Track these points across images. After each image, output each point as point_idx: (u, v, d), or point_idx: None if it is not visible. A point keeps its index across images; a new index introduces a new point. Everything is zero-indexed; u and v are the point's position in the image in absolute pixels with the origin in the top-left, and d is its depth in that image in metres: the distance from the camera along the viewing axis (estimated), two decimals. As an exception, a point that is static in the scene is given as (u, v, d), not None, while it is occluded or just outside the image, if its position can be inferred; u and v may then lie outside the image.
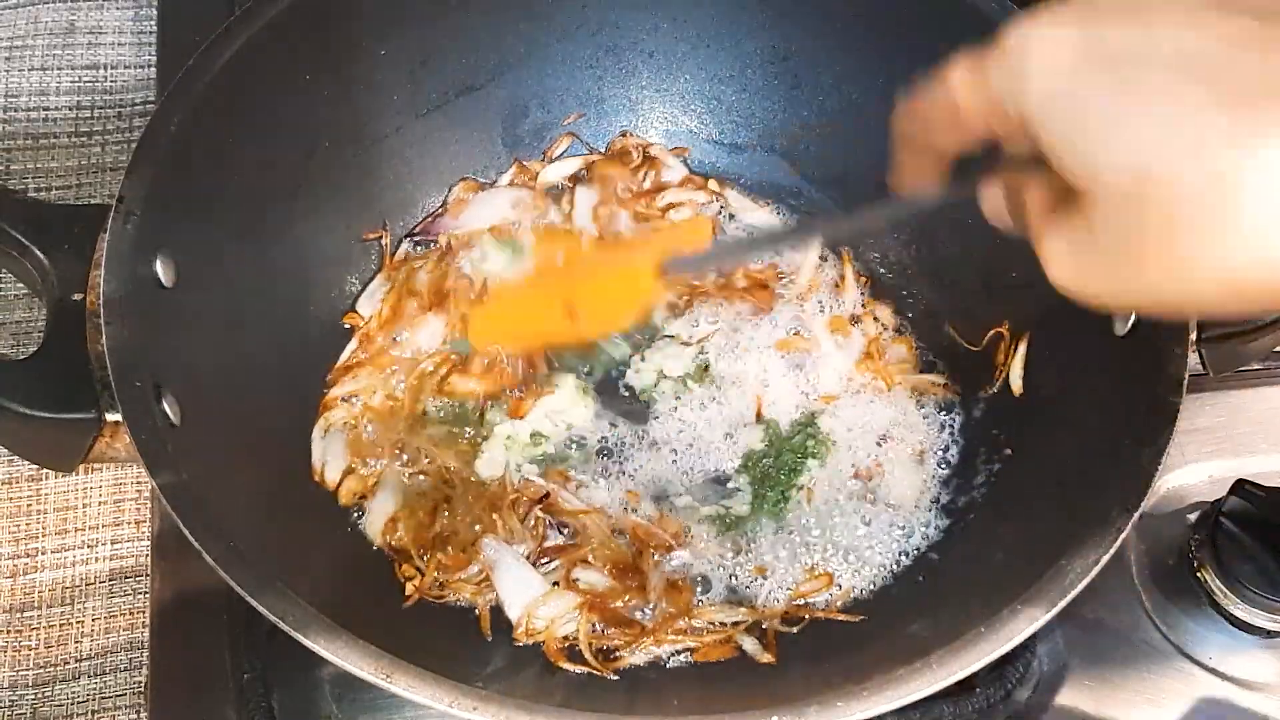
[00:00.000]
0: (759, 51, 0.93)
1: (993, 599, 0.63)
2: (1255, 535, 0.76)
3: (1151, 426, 0.66)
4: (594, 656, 0.75)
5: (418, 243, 0.93)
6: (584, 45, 0.94)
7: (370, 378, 0.86)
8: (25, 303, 0.93)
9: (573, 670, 0.74)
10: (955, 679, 0.59)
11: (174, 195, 0.71)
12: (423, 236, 0.93)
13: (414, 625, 0.75)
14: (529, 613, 0.76)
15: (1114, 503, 0.64)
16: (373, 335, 0.88)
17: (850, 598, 0.79)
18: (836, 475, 0.84)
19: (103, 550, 0.84)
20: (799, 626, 0.78)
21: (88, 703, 0.79)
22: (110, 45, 1.06)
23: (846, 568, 0.80)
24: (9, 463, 0.86)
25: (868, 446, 0.85)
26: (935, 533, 0.81)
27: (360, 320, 0.89)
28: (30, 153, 1.00)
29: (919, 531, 0.81)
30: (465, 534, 0.80)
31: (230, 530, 0.62)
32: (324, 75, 0.83)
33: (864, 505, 0.83)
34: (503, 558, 0.79)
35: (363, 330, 0.88)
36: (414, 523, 0.80)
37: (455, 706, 0.57)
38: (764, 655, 0.76)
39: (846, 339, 0.89)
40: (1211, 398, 0.89)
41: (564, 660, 0.75)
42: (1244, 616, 0.77)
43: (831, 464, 0.85)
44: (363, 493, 0.81)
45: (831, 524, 0.82)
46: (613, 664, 0.75)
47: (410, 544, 0.79)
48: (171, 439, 0.64)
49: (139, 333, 0.66)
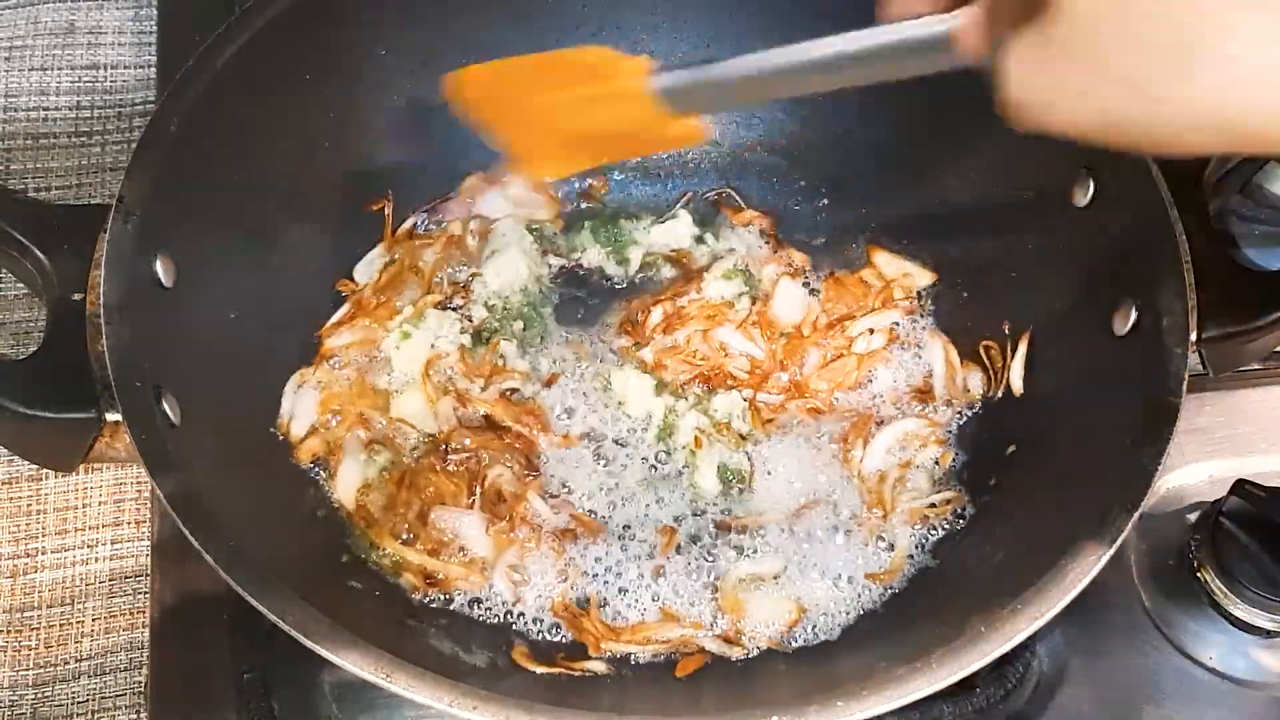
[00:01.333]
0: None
1: (993, 599, 0.63)
2: (1255, 535, 0.75)
3: (1151, 426, 0.66)
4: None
5: (426, 223, 0.93)
6: (584, 45, 0.94)
7: (365, 330, 0.85)
8: (25, 303, 0.93)
9: (571, 669, 0.74)
10: (955, 679, 0.59)
11: (174, 195, 0.71)
12: (429, 215, 0.93)
13: (414, 625, 0.75)
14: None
15: (1114, 503, 0.64)
16: (366, 301, 0.87)
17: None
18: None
19: (103, 550, 0.84)
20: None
21: (88, 703, 0.79)
22: (110, 45, 1.06)
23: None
24: (9, 463, 0.86)
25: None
26: (935, 534, 0.81)
27: (354, 286, 0.89)
28: (30, 153, 1.00)
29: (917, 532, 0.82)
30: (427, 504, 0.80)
31: (230, 530, 0.62)
32: (324, 75, 0.83)
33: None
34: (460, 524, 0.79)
35: (356, 295, 0.88)
36: (385, 492, 0.80)
37: (455, 706, 0.57)
38: (734, 650, 0.76)
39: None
40: (1211, 398, 0.89)
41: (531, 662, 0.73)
42: (1244, 616, 0.77)
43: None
44: (323, 454, 0.81)
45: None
46: (579, 664, 0.73)
47: (384, 517, 0.79)
48: (171, 439, 0.64)
49: (139, 333, 0.66)
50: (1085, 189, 0.77)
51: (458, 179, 0.94)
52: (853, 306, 0.90)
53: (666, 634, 0.76)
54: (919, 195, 0.91)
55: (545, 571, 0.79)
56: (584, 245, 0.95)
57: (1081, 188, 0.77)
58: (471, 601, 0.77)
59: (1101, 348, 0.74)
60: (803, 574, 0.79)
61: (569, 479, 0.83)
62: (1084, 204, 0.78)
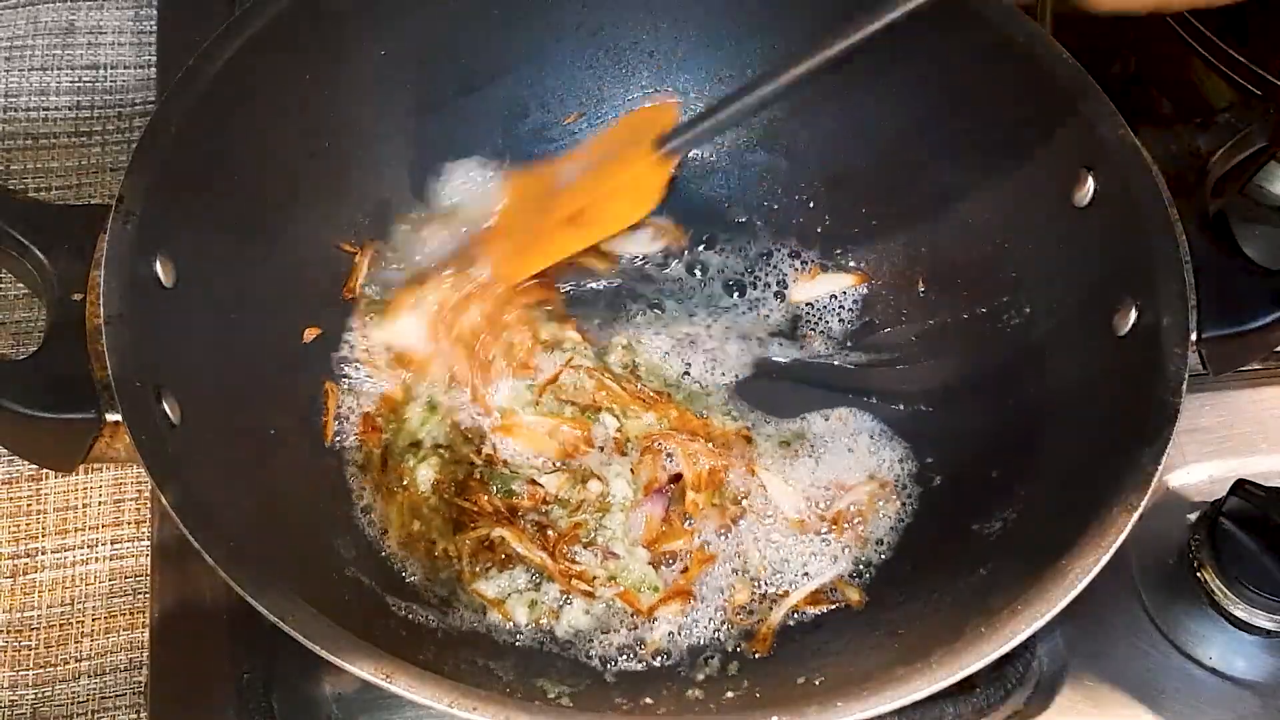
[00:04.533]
0: (759, 51, 0.93)
1: (993, 599, 0.63)
2: (1255, 535, 0.76)
3: (1151, 426, 0.66)
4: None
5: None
6: (584, 45, 0.94)
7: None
8: (25, 303, 0.93)
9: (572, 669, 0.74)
10: (955, 679, 0.59)
11: (174, 195, 0.71)
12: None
13: (416, 626, 0.75)
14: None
15: (1114, 503, 0.64)
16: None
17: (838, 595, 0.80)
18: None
19: (103, 550, 0.84)
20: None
21: (88, 703, 0.79)
22: (110, 45, 1.06)
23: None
24: (9, 463, 0.86)
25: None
26: (933, 534, 0.81)
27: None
28: (30, 153, 1.00)
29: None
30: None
31: (231, 530, 0.62)
32: (324, 75, 0.83)
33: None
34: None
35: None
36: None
37: (455, 706, 0.57)
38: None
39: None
40: (1211, 398, 0.89)
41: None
42: (1244, 616, 0.77)
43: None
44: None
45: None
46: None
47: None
48: (171, 439, 0.64)
49: (139, 333, 0.66)
50: (1085, 189, 0.77)
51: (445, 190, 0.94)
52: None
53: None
54: (919, 195, 0.91)
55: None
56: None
57: (1081, 188, 0.77)
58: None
59: (1101, 348, 0.74)
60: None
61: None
62: (1084, 204, 0.78)
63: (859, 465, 0.86)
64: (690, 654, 0.77)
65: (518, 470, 0.83)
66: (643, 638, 0.77)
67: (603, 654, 0.76)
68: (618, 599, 0.78)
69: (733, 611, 0.78)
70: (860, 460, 0.86)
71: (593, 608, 0.78)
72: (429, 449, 0.83)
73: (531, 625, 0.77)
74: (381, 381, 0.86)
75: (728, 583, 0.80)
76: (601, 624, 0.77)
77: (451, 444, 0.84)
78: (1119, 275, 0.75)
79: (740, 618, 0.78)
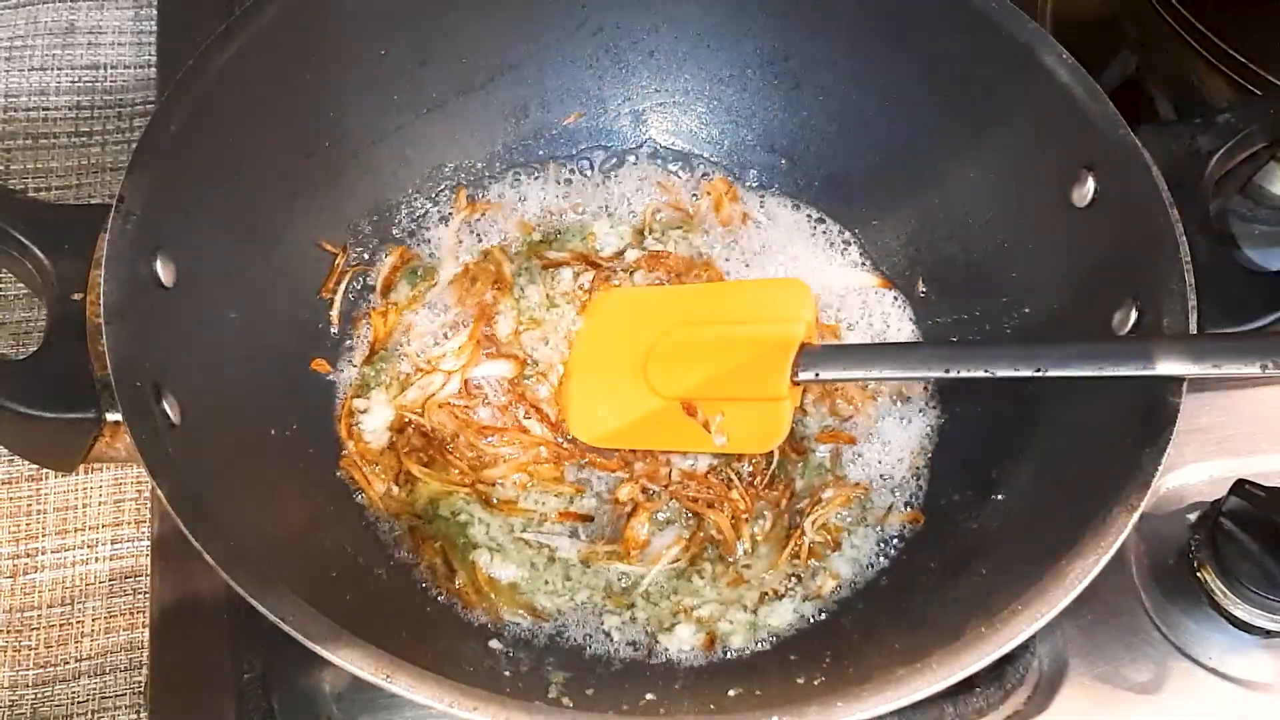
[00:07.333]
0: (759, 51, 0.93)
1: (993, 599, 0.63)
2: (1255, 535, 0.76)
3: (1151, 426, 0.66)
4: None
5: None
6: (584, 45, 0.94)
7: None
8: (25, 303, 0.93)
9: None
10: (955, 679, 0.59)
11: (174, 195, 0.71)
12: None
13: (417, 627, 0.75)
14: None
15: (1114, 503, 0.64)
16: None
17: (840, 594, 0.80)
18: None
19: (103, 550, 0.84)
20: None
21: (88, 703, 0.79)
22: (110, 45, 1.06)
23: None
24: (9, 463, 0.86)
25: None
26: (933, 534, 0.81)
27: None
28: (30, 153, 1.00)
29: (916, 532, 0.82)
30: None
31: (230, 530, 0.62)
32: (324, 75, 0.83)
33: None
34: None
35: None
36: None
37: (455, 706, 0.57)
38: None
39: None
40: (1211, 398, 0.89)
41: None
42: (1244, 616, 0.77)
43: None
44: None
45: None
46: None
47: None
48: (171, 439, 0.64)
49: (139, 333, 0.66)
50: (1085, 189, 0.77)
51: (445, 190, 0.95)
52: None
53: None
54: (918, 195, 0.91)
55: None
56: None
57: (1081, 188, 0.77)
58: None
59: (1102, 348, 0.74)
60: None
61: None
62: (1084, 204, 0.78)
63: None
64: (690, 654, 0.77)
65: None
66: (655, 635, 0.78)
67: (604, 651, 0.76)
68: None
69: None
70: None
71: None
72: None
73: (533, 619, 0.77)
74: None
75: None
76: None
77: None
78: (1119, 275, 0.75)
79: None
